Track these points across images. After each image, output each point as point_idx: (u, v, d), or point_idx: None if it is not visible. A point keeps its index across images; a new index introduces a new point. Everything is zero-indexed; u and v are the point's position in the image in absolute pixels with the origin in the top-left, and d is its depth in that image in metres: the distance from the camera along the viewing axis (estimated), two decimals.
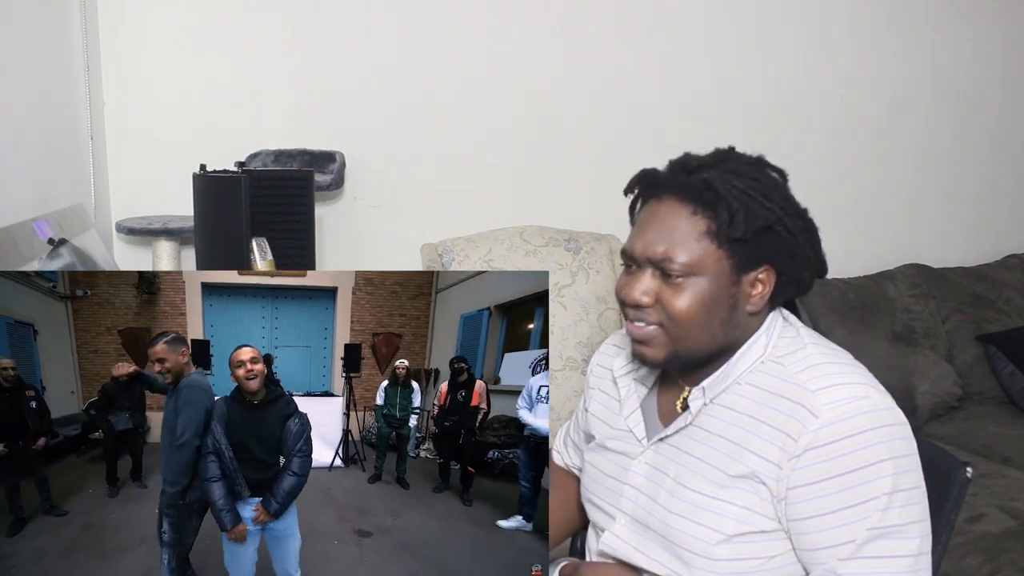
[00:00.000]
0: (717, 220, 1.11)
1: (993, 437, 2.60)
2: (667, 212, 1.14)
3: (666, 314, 1.13)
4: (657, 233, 1.13)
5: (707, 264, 1.11)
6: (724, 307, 1.13)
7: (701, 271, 1.12)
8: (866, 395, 1.09)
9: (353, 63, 2.52)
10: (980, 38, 3.19)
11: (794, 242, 1.15)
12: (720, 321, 1.14)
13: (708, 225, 1.11)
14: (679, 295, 1.12)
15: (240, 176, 1.96)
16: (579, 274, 2.48)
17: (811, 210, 1.19)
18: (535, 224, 2.59)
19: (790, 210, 1.15)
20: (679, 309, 1.12)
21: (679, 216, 1.13)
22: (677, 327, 1.13)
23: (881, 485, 1.05)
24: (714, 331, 1.14)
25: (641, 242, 1.15)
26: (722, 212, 1.10)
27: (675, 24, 2.80)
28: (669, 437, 1.20)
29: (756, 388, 1.15)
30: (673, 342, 1.14)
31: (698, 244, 1.11)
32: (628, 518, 1.23)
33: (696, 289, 1.12)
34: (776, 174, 1.19)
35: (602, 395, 1.36)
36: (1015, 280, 3.12)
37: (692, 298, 1.12)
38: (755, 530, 1.11)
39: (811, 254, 1.18)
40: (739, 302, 1.14)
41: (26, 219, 1.59)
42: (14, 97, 1.76)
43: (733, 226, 1.10)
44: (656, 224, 1.14)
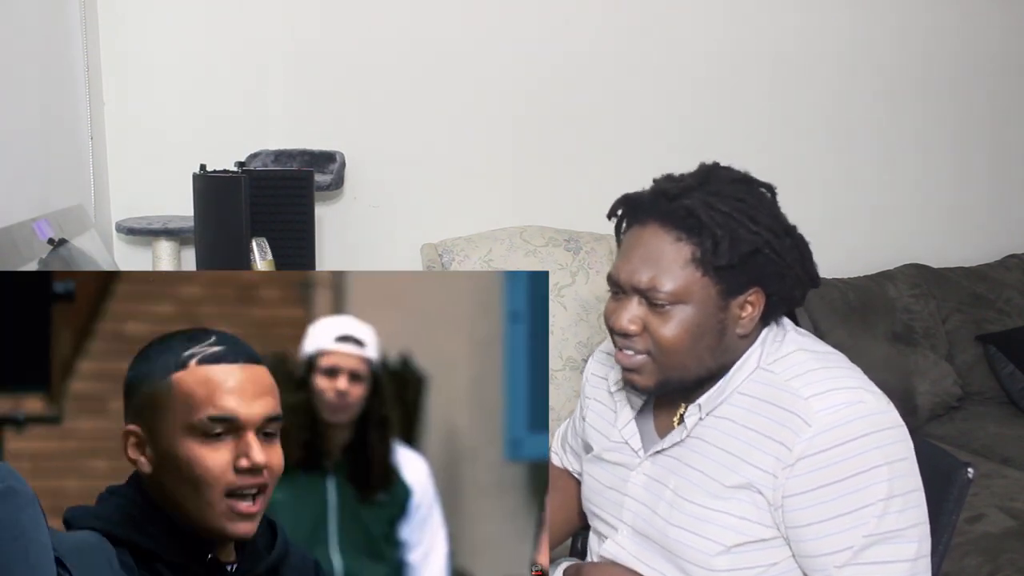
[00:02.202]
0: (701, 247, 1.09)
1: (993, 437, 2.60)
2: (651, 239, 1.12)
3: (653, 342, 1.12)
4: (642, 261, 1.12)
5: (693, 292, 1.10)
6: (712, 333, 1.12)
7: (687, 299, 1.10)
8: (860, 400, 1.09)
9: (353, 63, 2.52)
10: (980, 37, 3.19)
11: (782, 263, 1.13)
12: (708, 347, 1.13)
13: (693, 252, 1.10)
14: (666, 323, 1.11)
15: (240, 176, 1.96)
16: (579, 274, 2.48)
17: (811, 211, 1.18)
18: (535, 224, 2.59)
19: (778, 230, 1.13)
20: (666, 337, 1.11)
21: (663, 243, 1.11)
22: (665, 356, 1.12)
23: (877, 491, 1.05)
24: (702, 357, 1.13)
25: (626, 269, 1.13)
26: (706, 240, 1.09)
27: (675, 24, 2.80)
28: (666, 450, 1.20)
29: (750, 398, 1.14)
30: (662, 370, 1.13)
31: (683, 272, 1.10)
32: (629, 529, 1.23)
33: (683, 317, 1.10)
34: (764, 190, 1.17)
35: (598, 406, 1.35)
36: (1015, 280, 3.12)
37: (679, 326, 1.11)
38: (754, 539, 1.11)
39: (801, 272, 1.16)
40: (728, 327, 1.13)
41: (26, 219, 1.59)
42: (14, 97, 1.76)
43: (717, 254, 1.08)
44: (640, 251, 1.12)
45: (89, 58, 2.20)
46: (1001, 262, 3.20)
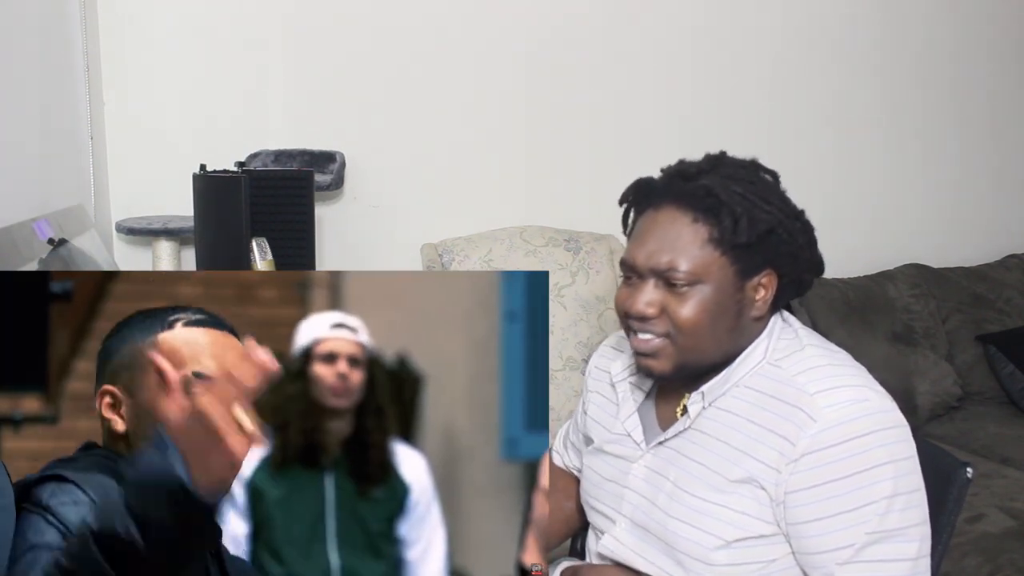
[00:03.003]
0: (720, 227, 1.10)
1: (993, 437, 2.60)
2: (667, 221, 1.13)
3: (673, 324, 1.12)
4: (659, 242, 1.12)
5: (711, 271, 1.11)
6: (730, 314, 1.13)
7: (706, 279, 1.11)
8: (865, 398, 1.09)
9: (353, 63, 2.52)
10: (981, 38, 3.19)
11: (794, 244, 1.14)
12: (726, 328, 1.13)
13: (710, 232, 1.10)
14: (685, 304, 1.11)
15: (240, 176, 1.96)
16: (579, 274, 2.48)
17: (810, 210, 1.19)
18: (535, 224, 2.59)
19: (789, 212, 1.15)
20: (686, 318, 1.11)
21: (680, 224, 1.12)
22: (685, 337, 1.12)
23: (881, 489, 1.05)
24: (720, 339, 1.14)
25: (643, 252, 1.13)
26: (725, 218, 1.10)
27: (675, 24, 2.80)
28: (668, 441, 1.20)
29: (755, 391, 1.14)
30: (680, 353, 1.13)
31: (701, 252, 1.10)
32: (628, 521, 1.23)
33: (701, 297, 1.11)
34: (769, 176, 1.18)
35: (600, 398, 1.35)
36: (1015, 280, 3.11)
37: (698, 306, 1.11)
38: (754, 535, 1.11)
39: (810, 255, 1.17)
40: (744, 308, 1.14)
41: (26, 219, 1.59)
42: (14, 97, 1.76)
43: (737, 232, 1.09)
44: (657, 233, 1.13)
45: (89, 58, 2.20)
46: (1001, 262, 3.20)
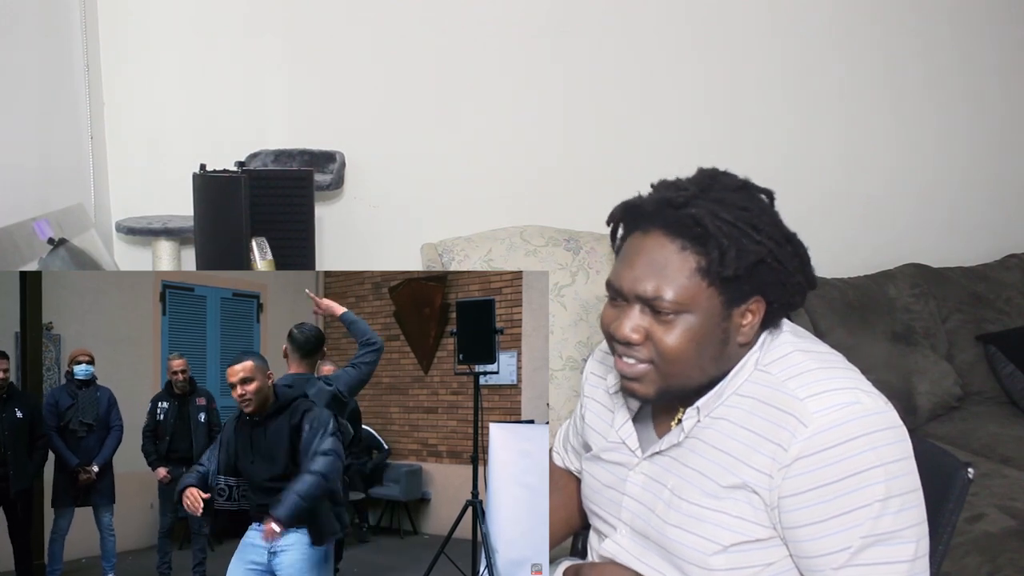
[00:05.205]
0: (707, 258, 1.08)
1: (993, 437, 2.60)
2: (654, 247, 1.11)
3: (656, 351, 1.11)
4: (645, 269, 1.10)
5: (698, 301, 1.09)
6: (715, 342, 1.12)
7: (692, 308, 1.09)
8: (856, 400, 1.08)
9: (353, 63, 2.52)
10: (982, 38, 3.19)
11: (784, 271, 1.12)
12: (711, 356, 1.12)
13: (698, 262, 1.09)
14: (670, 332, 1.10)
15: (240, 176, 1.96)
16: (579, 274, 2.48)
17: (811, 210, 1.18)
18: (535, 224, 2.58)
19: (779, 238, 1.12)
20: (670, 346, 1.10)
21: (668, 252, 1.10)
22: (668, 364, 1.11)
23: (873, 492, 1.05)
24: (705, 366, 1.13)
25: (629, 277, 1.12)
26: (712, 250, 1.08)
27: (675, 24, 2.80)
28: (664, 451, 1.20)
29: (747, 398, 1.14)
30: (664, 379, 1.13)
31: (688, 281, 1.09)
32: (628, 528, 1.23)
33: (687, 326, 1.10)
34: (763, 195, 1.16)
35: (597, 405, 1.35)
36: (1015, 280, 3.11)
37: (683, 335, 1.10)
38: (751, 539, 1.11)
39: (802, 279, 1.15)
40: (730, 335, 1.13)
41: (26, 219, 1.59)
42: (14, 97, 1.76)
43: (724, 264, 1.07)
44: (644, 259, 1.11)
45: (89, 58, 2.20)
46: (1001, 262, 3.20)
